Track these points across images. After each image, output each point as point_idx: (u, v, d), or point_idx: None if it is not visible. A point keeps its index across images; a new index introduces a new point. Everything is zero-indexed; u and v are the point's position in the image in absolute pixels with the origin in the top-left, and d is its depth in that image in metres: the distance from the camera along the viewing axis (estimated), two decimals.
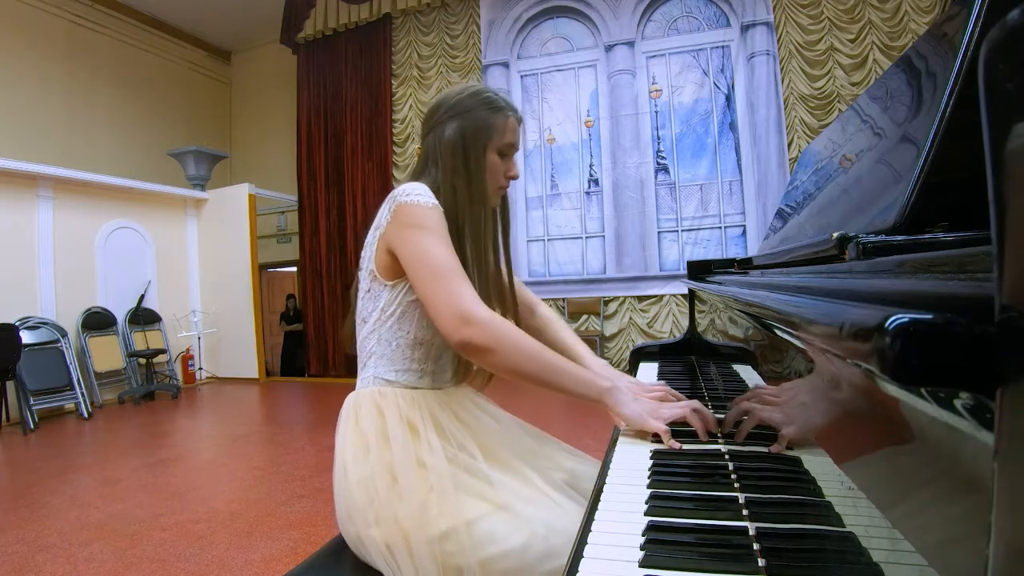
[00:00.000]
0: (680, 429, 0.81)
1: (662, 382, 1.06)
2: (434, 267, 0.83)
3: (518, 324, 1.01)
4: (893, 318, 0.23)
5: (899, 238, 0.46)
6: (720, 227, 5.24)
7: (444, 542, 0.78)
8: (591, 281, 5.59)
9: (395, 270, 0.91)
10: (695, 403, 0.84)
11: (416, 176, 0.99)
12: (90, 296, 5.47)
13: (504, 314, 1.01)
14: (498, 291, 1.01)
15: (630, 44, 5.56)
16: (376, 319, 0.93)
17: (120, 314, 5.64)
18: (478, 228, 0.95)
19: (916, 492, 0.31)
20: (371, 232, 0.95)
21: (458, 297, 0.81)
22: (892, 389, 0.30)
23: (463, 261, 0.89)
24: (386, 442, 0.87)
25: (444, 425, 0.90)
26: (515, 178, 1.02)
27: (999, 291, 0.19)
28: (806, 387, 0.56)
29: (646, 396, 0.89)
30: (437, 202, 0.90)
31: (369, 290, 0.95)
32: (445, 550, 0.78)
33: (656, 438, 0.80)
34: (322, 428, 4.00)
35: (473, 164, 0.95)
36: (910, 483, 0.31)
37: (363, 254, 0.97)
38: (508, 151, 0.99)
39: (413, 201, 0.88)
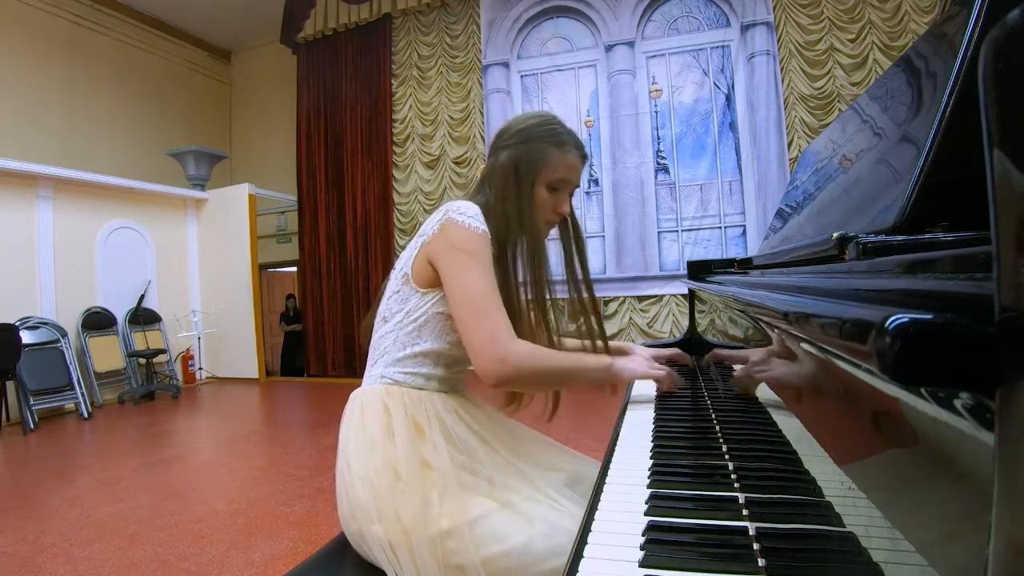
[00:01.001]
0: (678, 432, 0.81)
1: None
2: (474, 301, 0.85)
3: (550, 340, 1.06)
4: (893, 318, 0.23)
5: (899, 238, 0.46)
6: (720, 227, 5.24)
7: (446, 540, 0.79)
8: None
9: (431, 280, 0.92)
10: (668, 371, 1.09)
11: (473, 195, 1.01)
12: (90, 296, 5.47)
13: (535, 336, 1.03)
14: (541, 316, 1.04)
15: (630, 44, 5.56)
16: (398, 321, 0.94)
17: (120, 314, 5.64)
18: (532, 250, 0.98)
19: (916, 492, 0.31)
20: (415, 238, 0.96)
21: (492, 338, 0.84)
22: (892, 389, 0.30)
23: (505, 287, 0.92)
24: (391, 439, 0.87)
25: (449, 426, 0.90)
26: (564, 215, 1.02)
27: (999, 291, 0.19)
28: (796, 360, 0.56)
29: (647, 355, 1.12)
30: (486, 228, 0.91)
31: (398, 291, 0.96)
32: (447, 548, 0.78)
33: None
34: (322, 428, 4.00)
35: (524, 195, 0.97)
36: (910, 483, 0.31)
37: (401, 255, 0.98)
38: (560, 186, 1.00)
39: (464, 223, 0.89)
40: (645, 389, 1.19)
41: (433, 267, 0.91)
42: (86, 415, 4.75)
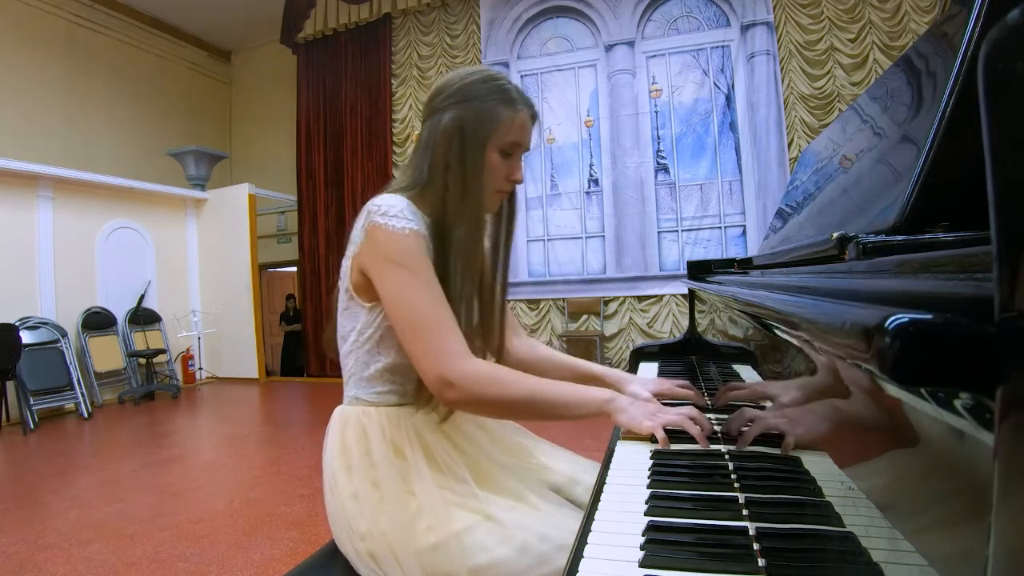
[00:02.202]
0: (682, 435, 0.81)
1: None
2: (415, 320, 0.77)
3: (501, 351, 0.98)
4: (893, 318, 0.23)
5: (899, 238, 0.46)
6: (720, 227, 5.24)
7: (433, 554, 0.77)
8: (591, 281, 5.58)
9: (372, 292, 0.84)
10: (691, 410, 0.79)
11: (405, 171, 0.91)
12: (90, 296, 5.47)
13: (489, 338, 0.95)
14: (487, 312, 0.94)
15: (630, 44, 5.56)
16: (354, 340, 0.88)
17: (120, 314, 5.64)
18: (468, 237, 0.85)
19: (916, 492, 0.31)
20: (348, 246, 0.87)
21: (438, 356, 0.76)
22: (892, 389, 0.30)
23: (444, 279, 0.82)
24: (369, 461, 0.85)
25: (431, 446, 0.86)
26: (518, 182, 0.91)
27: (999, 291, 0.19)
28: (808, 389, 0.56)
29: (649, 391, 0.95)
30: (414, 224, 0.81)
31: (347, 308, 0.89)
32: (435, 561, 0.77)
33: (655, 440, 0.79)
34: (322, 428, 3.95)
35: (469, 161, 0.84)
36: (910, 483, 0.31)
37: (342, 266, 0.89)
38: (513, 150, 0.88)
39: (387, 225, 0.80)
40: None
41: (369, 279, 0.83)
42: (86, 415, 4.75)
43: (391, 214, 0.81)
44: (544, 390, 0.80)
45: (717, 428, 0.83)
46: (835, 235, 0.52)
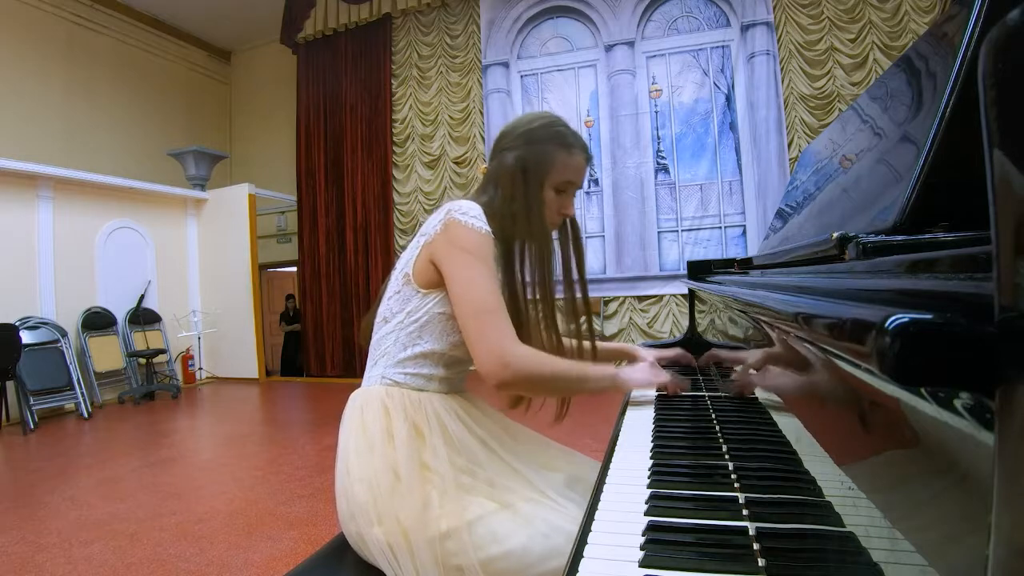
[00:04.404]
0: (679, 432, 0.81)
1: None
2: (478, 302, 0.85)
3: (559, 347, 1.06)
4: (893, 318, 0.23)
5: (899, 238, 0.46)
6: (720, 227, 5.24)
7: (445, 541, 0.79)
8: (591, 281, 5.49)
9: (432, 281, 0.91)
10: (671, 374, 1.10)
11: (476, 196, 1.00)
12: (90, 296, 5.47)
13: (546, 338, 1.03)
14: (549, 319, 1.04)
15: (630, 44, 5.56)
16: (399, 321, 0.94)
17: (120, 314, 5.64)
18: (540, 253, 0.98)
19: (916, 492, 0.31)
20: (416, 237, 0.96)
21: (499, 338, 0.83)
22: (892, 389, 0.30)
23: (510, 290, 0.93)
24: (390, 442, 0.87)
25: (449, 428, 0.90)
26: (568, 216, 1.03)
27: (999, 291, 0.19)
28: (792, 365, 0.56)
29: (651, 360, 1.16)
30: (489, 229, 0.91)
31: (399, 292, 0.95)
32: (446, 549, 0.78)
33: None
34: (322, 428, 4.00)
35: (531, 196, 0.96)
36: (910, 483, 0.31)
37: (402, 255, 0.98)
38: (566, 188, 0.99)
39: (467, 223, 0.89)
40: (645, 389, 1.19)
41: (435, 267, 0.90)
42: (86, 415, 4.75)
43: (471, 215, 0.90)
44: (571, 368, 0.92)
45: (714, 417, 0.88)
46: (835, 235, 0.52)
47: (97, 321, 5.43)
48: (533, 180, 0.96)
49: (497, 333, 0.83)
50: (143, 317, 5.80)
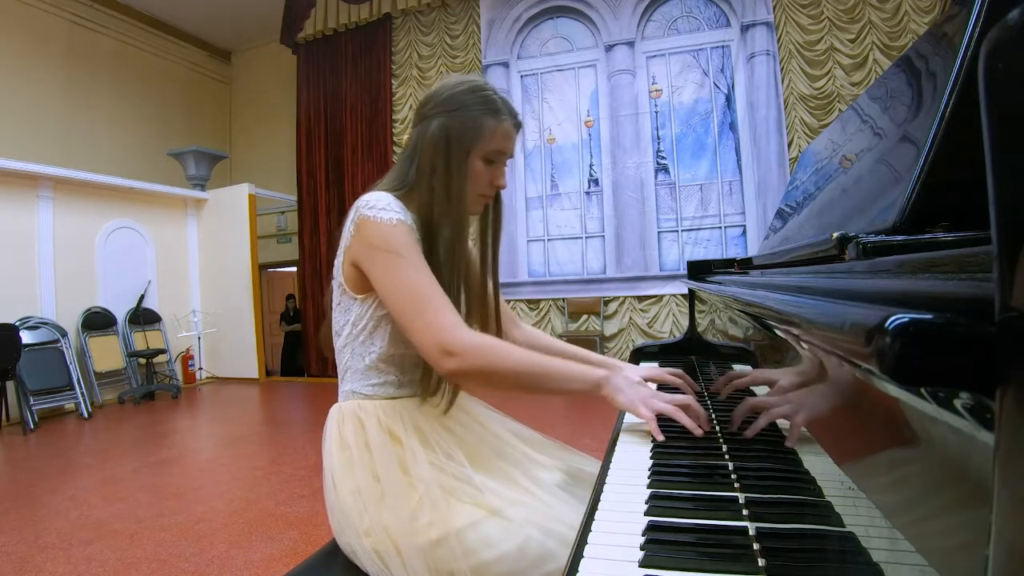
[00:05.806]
0: (678, 431, 0.81)
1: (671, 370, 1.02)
2: (409, 297, 0.80)
3: (500, 335, 0.99)
4: (893, 318, 0.23)
5: (899, 238, 0.46)
6: (720, 227, 5.24)
7: (436, 549, 0.78)
8: (591, 281, 5.58)
9: (363, 284, 0.87)
10: (685, 398, 0.82)
11: (393, 172, 0.94)
12: (90, 296, 5.47)
13: (485, 327, 0.98)
14: (479, 303, 0.97)
15: (630, 44, 5.56)
16: (348, 333, 0.91)
17: (120, 314, 5.64)
18: (453, 237, 0.89)
19: (916, 492, 0.31)
20: (339, 244, 0.91)
21: (437, 328, 0.78)
22: (892, 389, 0.30)
23: (435, 272, 0.85)
24: (369, 452, 0.86)
25: (427, 433, 0.88)
26: (500, 188, 0.95)
27: (999, 291, 0.19)
28: (809, 376, 0.56)
29: (643, 377, 0.96)
30: (401, 216, 0.85)
31: (339, 303, 0.92)
32: (438, 556, 0.77)
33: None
34: (322, 428, 3.99)
35: (454, 167, 0.88)
36: (910, 483, 0.31)
37: (334, 263, 0.93)
38: (496, 158, 0.92)
39: (376, 217, 0.83)
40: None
41: (360, 270, 0.86)
42: (86, 415, 4.75)
43: (379, 207, 0.84)
44: (539, 362, 0.83)
45: (714, 416, 0.83)
46: (835, 235, 0.52)
47: (97, 321, 5.43)
48: (458, 149, 0.88)
49: (435, 322, 0.78)
50: (143, 317, 5.80)
